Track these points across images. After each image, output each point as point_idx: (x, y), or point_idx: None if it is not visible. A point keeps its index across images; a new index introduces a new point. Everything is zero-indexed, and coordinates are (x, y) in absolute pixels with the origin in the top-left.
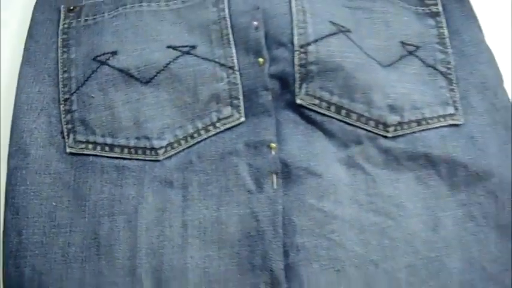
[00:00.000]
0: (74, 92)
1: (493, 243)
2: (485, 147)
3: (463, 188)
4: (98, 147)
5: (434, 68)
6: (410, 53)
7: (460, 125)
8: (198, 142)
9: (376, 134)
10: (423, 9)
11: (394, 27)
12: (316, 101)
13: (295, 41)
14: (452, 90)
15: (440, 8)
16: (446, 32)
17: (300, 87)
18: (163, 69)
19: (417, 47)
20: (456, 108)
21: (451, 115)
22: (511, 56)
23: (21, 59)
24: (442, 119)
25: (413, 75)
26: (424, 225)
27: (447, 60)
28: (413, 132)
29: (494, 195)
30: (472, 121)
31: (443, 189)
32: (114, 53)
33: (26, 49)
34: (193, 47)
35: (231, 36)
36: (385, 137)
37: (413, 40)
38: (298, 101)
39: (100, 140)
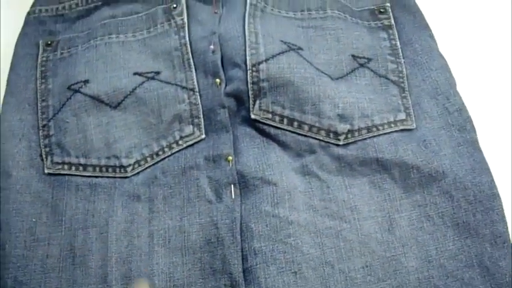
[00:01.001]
0: (51, 119)
1: (451, 241)
2: (439, 149)
3: (418, 189)
4: (73, 167)
5: (386, 78)
6: (362, 65)
7: (412, 129)
8: (163, 159)
9: (328, 142)
10: (376, 23)
11: (345, 42)
12: (269, 115)
13: (248, 61)
14: (404, 97)
15: (392, 21)
16: (398, 43)
17: (254, 103)
18: (130, 94)
19: (369, 59)
20: (408, 114)
21: (402, 121)
22: (511, 56)
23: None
24: (393, 125)
25: (364, 85)
26: (379, 226)
27: (399, 69)
28: (364, 139)
29: (449, 195)
30: (425, 125)
31: (398, 192)
32: (86, 82)
33: (8, 81)
34: (157, 73)
35: (191, 60)
36: (337, 145)
37: (364, 53)
38: (253, 116)
39: (74, 160)
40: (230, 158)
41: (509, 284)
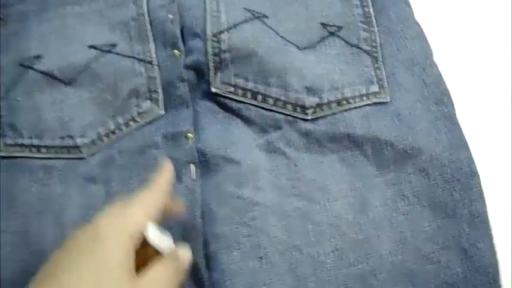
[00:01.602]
0: (3, 98)
1: (427, 221)
2: (414, 124)
3: (392, 167)
4: (26, 149)
5: (358, 47)
6: (332, 33)
7: (386, 103)
8: (120, 138)
9: (295, 117)
10: None
11: (314, 9)
12: (232, 89)
13: (208, 31)
14: (377, 68)
15: None
16: (371, 10)
17: (215, 76)
18: (84, 69)
19: (339, 28)
20: (381, 86)
21: (374, 93)
22: (511, 56)
23: None
24: (365, 98)
25: (334, 55)
26: (350, 207)
27: (372, 38)
28: (334, 113)
29: (426, 173)
30: (400, 98)
31: (371, 170)
32: (39, 57)
33: None
34: (113, 45)
35: (149, 31)
36: (305, 119)
37: (335, 21)
38: (214, 90)
39: (27, 141)
40: (190, 135)
41: (487, 266)
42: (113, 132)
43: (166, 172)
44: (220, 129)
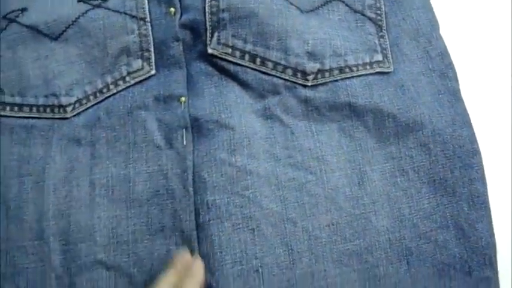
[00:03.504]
0: None
1: (426, 199)
2: (417, 97)
3: (392, 140)
4: (7, 108)
5: (362, 14)
6: None
7: (389, 73)
8: (107, 98)
9: (295, 83)
10: None
11: None
12: (229, 50)
13: None
14: (382, 36)
15: None
16: None
17: (212, 36)
18: (72, 24)
19: None
20: (385, 56)
21: (378, 62)
22: (511, 56)
23: None
24: (368, 67)
25: (338, 21)
26: (348, 180)
27: (377, 5)
28: (336, 81)
29: (427, 148)
30: (404, 69)
31: (370, 142)
32: (23, 10)
33: None
34: (104, 0)
35: None
36: (305, 86)
37: None
38: (210, 51)
39: (9, 99)
40: (183, 98)
41: (484, 247)
42: (101, 92)
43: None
44: (215, 93)
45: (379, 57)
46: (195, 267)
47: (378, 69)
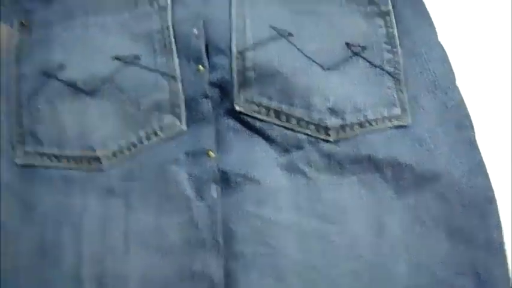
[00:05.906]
0: (24, 106)
1: (443, 247)
2: (434, 148)
3: (411, 191)
4: (46, 158)
5: (382, 69)
6: (356, 53)
7: (407, 126)
8: (140, 151)
9: (318, 138)
10: (372, 9)
11: (339, 29)
12: (255, 107)
13: (233, 47)
14: (400, 90)
15: (390, 7)
16: (395, 31)
17: (239, 94)
18: (107, 81)
19: (363, 48)
20: (403, 109)
21: (397, 116)
22: (511, 56)
23: None
24: (387, 121)
25: (357, 76)
26: (368, 229)
27: (395, 60)
28: (357, 135)
29: (444, 198)
30: (421, 121)
31: (389, 193)
32: (61, 66)
33: None
34: (137, 57)
35: (173, 44)
36: (328, 141)
37: (359, 41)
38: (237, 108)
39: (48, 150)
40: (212, 153)
41: None
42: (134, 145)
43: None
44: (242, 148)
45: (398, 111)
46: None
47: (396, 123)
